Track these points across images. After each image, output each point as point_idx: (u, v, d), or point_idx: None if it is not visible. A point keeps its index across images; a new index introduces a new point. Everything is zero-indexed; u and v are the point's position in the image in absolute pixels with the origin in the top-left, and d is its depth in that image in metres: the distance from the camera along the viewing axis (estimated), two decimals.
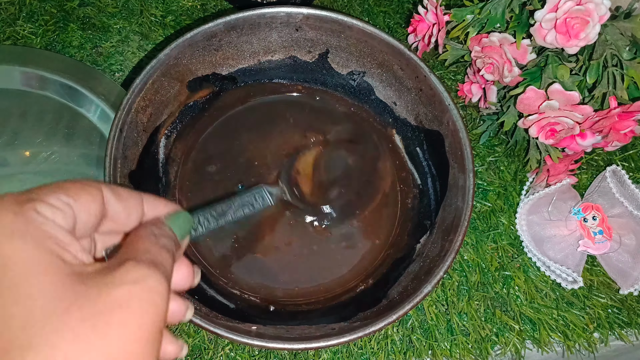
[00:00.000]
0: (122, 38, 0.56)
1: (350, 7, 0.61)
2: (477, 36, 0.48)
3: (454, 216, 0.42)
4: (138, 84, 0.42)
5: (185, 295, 0.25)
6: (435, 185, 0.48)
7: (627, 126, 0.45)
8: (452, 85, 0.57)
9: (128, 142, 0.43)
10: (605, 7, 0.41)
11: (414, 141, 0.50)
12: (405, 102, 0.50)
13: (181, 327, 0.45)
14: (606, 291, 0.50)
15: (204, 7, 0.59)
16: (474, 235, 0.51)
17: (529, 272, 0.50)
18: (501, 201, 0.52)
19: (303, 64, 0.51)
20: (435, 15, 0.50)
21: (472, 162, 0.43)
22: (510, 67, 0.46)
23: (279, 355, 0.45)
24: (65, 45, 0.55)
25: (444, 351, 0.46)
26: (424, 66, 0.45)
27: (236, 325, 0.39)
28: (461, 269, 0.50)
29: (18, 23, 0.55)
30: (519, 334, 0.47)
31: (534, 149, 0.50)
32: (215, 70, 0.49)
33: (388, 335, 0.47)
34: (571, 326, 0.48)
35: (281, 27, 0.48)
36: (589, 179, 0.54)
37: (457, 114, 0.44)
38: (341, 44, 0.49)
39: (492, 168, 0.54)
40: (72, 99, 0.50)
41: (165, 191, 0.47)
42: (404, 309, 0.37)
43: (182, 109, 0.49)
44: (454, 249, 0.40)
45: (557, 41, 0.43)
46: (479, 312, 0.48)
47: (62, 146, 0.49)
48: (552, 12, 0.42)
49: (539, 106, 0.45)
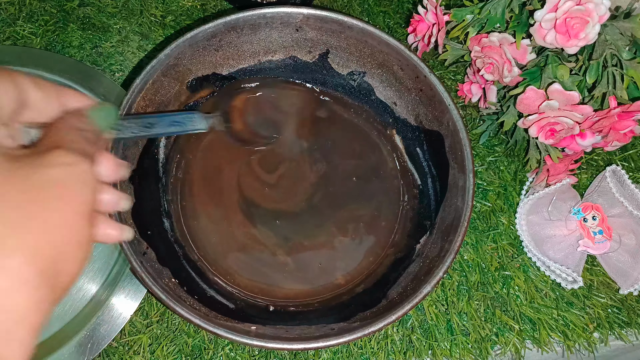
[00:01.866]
0: (122, 38, 0.56)
1: (350, 7, 0.61)
2: (477, 36, 0.48)
3: (454, 216, 0.42)
4: (138, 84, 0.42)
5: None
6: (435, 186, 0.48)
7: (626, 126, 0.45)
8: (452, 85, 0.57)
9: (128, 142, 0.43)
10: (605, 7, 0.41)
11: (414, 141, 0.50)
12: (405, 102, 0.50)
13: (181, 327, 0.45)
14: (606, 291, 0.50)
15: (203, 7, 0.59)
16: (474, 235, 0.51)
17: (529, 272, 0.50)
18: (501, 201, 0.52)
19: (303, 64, 0.51)
20: (435, 15, 0.50)
21: (472, 162, 0.43)
22: (510, 67, 0.46)
23: (279, 355, 0.45)
24: (65, 45, 0.55)
25: (444, 351, 0.46)
26: (424, 66, 0.45)
27: (236, 325, 0.39)
28: (461, 268, 0.50)
29: (18, 23, 0.55)
30: (518, 333, 0.47)
31: (533, 149, 0.50)
32: (216, 70, 0.49)
33: (388, 335, 0.47)
34: (571, 326, 0.48)
35: (281, 27, 0.48)
36: (588, 179, 0.54)
37: (457, 115, 0.44)
38: (341, 44, 0.49)
39: (492, 168, 0.54)
40: None
41: (165, 191, 0.47)
42: (403, 309, 0.37)
43: (183, 109, 0.49)
44: (453, 249, 0.40)
45: (556, 41, 0.43)
46: (478, 312, 0.48)
47: None
48: (552, 12, 0.42)
49: (539, 106, 0.45)
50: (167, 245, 0.45)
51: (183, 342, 0.45)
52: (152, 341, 0.45)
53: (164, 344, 0.45)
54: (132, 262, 0.38)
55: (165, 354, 0.44)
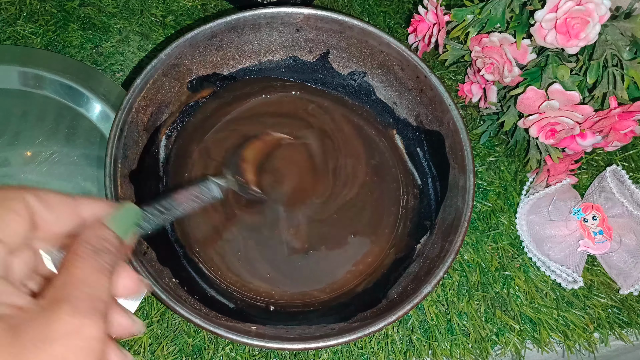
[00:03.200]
0: (123, 38, 0.56)
1: (350, 7, 0.61)
2: (478, 36, 0.48)
3: (454, 217, 0.42)
4: (139, 84, 0.42)
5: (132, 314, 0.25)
6: (436, 186, 0.48)
7: (627, 126, 0.45)
8: (452, 85, 0.57)
9: (129, 141, 0.43)
10: (605, 7, 0.41)
11: (415, 141, 0.50)
12: (405, 102, 0.50)
13: (181, 327, 0.45)
14: (606, 291, 0.50)
15: (204, 7, 0.59)
16: (474, 235, 0.51)
17: (529, 272, 0.50)
18: (501, 201, 0.52)
19: (304, 64, 0.51)
20: (435, 15, 0.50)
21: (472, 162, 0.43)
22: (511, 67, 0.46)
23: (279, 355, 0.45)
24: (65, 45, 0.55)
25: (444, 351, 0.46)
26: (424, 67, 0.45)
27: (236, 325, 0.39)
28: (461, 269, 0.50)
29: (18, 23, 0.55)
30: (519, 333, 0.47)
31: (534, 149, 0.50)
32: (216, 70, 0.49)
33: (388, 335, 0.47)
34: (571, 326, 0.48)
35: (282, 27, 0.48)
36: (589, 179, 0.54)
37: (457, 115, 0.44)
38: (342, 44, 0.49)
39: (492, 168, 0.54)
40: (73, 99, 0.50)
41: (166, 191, 0.47)
42: (403, 309, 0.37)
43: (183, 109, 0.49)
44: (454, 249, 0.40)
45: (557, 41, 0.43)
46: (479, 312, 0.48)
47: (62, 146, 0.49)
48: (552, 12, 0.42)
49: (539, 106, 0.45)
50: (167, 245, 0.45)
51: (183, 342, 0.45)
52: (152, 341, 0.45)
53: (164, 344, 0.45)
54: (133, 262, 0.38)
55: (165, 353, 0.44)
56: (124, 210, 0.26)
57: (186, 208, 0.35)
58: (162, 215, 0.32)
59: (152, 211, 0.31)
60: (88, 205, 0.25)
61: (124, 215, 0.26)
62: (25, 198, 0.22)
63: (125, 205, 0.26)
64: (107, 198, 0.39)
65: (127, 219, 0.26)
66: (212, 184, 0.38)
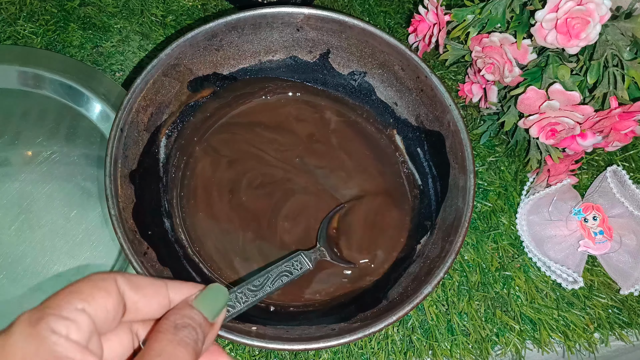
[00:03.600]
0: (123, 38, 0.56)
1: (350, 7, 0.61)
2: (478, 36, 0.48)
3: (455, 217, 0.42)
4: (139, 84, 0.42)
5: None
6: (436, 186, 0.48)
7: (627, 126, 0.45)
8: (453, 85, 0.57)
9: (129, 141, 0.43)
10: (605, 7, 0.41)
11: (415, 142, 0.50)
12: (406, 102, 0.50)
13: None
14: (606, 291, 0.50)
15: (204, 7, 0.59)
16: (475, 235, 0.51)
17: (530, 272, 0.50)
18: (502, 201, 0.52)
19: (304, 64, 0.51)
20: (435, 15, 0.50)
21: (472, 163, 0.42)
22: (511, 67, 0.46)
23: (279, 356, 0.45)
24: (65, 45, 0.55)
25: (445, 351, 0.46)
26: (424, 67, 0.45)
27: (236, 326, 0.39)
28: (461, 269, 0.50)
29: (19, 23, 0.55)
30: (519, 334, 0.47)
31: (534, 149, 0.50)
32: (216, 70, 0.49)
33: (388, 335, 0.47)
34: (571, 326, 0.48)
35: (282, 27, 0.48)
36: (589, 179, 0.54)
37: (457, 115, 0.44)
38: (342, 44, 0.49)
39: (493, 168, 0.54)
40: (73, 99, 0.50)
41: (166, 191, 0.47)
42: (404, 309, 0.37)
43: (183, 109, 0.49)
44: (454, 250, 0.40)
45: (557, 41, 0.43)
46: (479, 312, 0.48)
47: (62, 146, 0.49)
48: (553, 12, 0.42)
49: (540, 106, 0.45)
50: (167, 245, 0.45)
51: None
52: None
53: None
54: (133, 262, 0.38)
55: None
56: (210, 291, 0.25)
57: (278, 285, 0.36)
58: (253, 293, 0.33)
59: (243, 291, 0.32)
60: (178, 288, 0.25)
61: (210, 295, 0.25)
62: (116, 280, 0.22)
63: (212, 286, 0.26)
64: (108, 198, 0.39)
65: (215, 299, 0.25)
66: (304, 257, 0.40)
